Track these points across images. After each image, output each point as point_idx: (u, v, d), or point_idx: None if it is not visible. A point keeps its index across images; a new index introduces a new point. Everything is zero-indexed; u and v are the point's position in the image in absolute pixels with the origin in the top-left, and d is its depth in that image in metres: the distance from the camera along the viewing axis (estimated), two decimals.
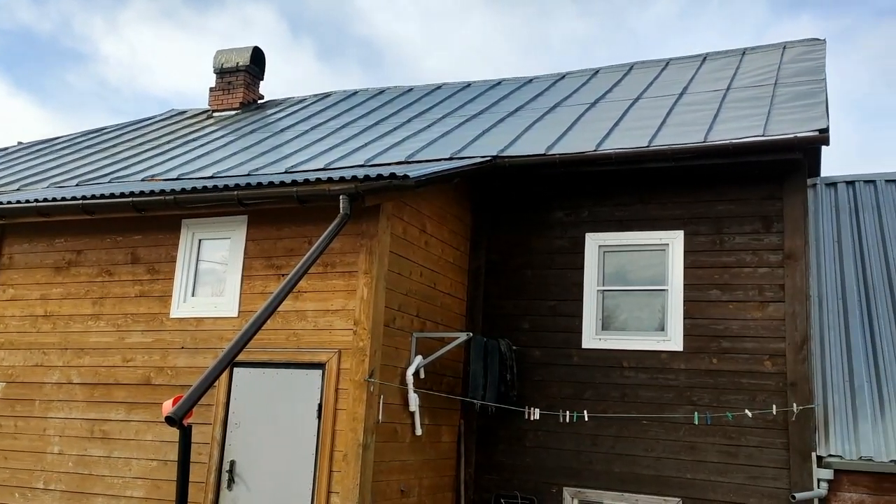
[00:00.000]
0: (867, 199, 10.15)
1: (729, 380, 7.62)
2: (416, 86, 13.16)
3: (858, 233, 9.66)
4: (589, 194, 8.47)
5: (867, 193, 10.26)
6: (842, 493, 7.16)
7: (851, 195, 10.28)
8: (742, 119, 8.11)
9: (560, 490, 7.94)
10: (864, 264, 9.19)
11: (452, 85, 12.76)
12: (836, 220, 9.94)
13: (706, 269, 7.93)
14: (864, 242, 9.49)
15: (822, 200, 10.29)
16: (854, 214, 9.96)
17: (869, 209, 9.98)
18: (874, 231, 9.62)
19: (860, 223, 9.79)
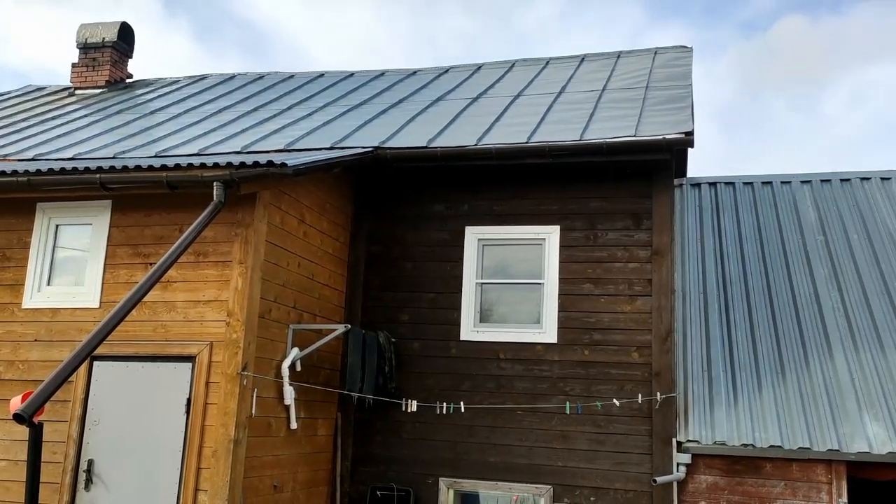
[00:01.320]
0: (727, 200, 10.81)
1: (599, 370, 7.91)
2: (298, 73, 12.86)
3: (719, 231, 10.27)
4: (469, 188, 8.56)
5: (727, 195, 10.92)
6: (698, 475, 7.59)
7: (713, 196, 10.92)
8: (616, 119, 8.42)
9: (436, 481, 8.00)
10: (723, 261, 9.78)
11: (335, 74, 12.56)
12: (699, 218, 10.53)
13: (580, 264, 8.19)
14: (724, 240, 10.10)
15: (687, 200, 10.87)
16: (715, 214, 10.58)
17: (729, 209, 10.63)
18: (732, 230, 10.25)
19: (720, 222, 10.41)
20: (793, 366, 8.19)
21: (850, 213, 10.15)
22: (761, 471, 7.47)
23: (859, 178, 10.71)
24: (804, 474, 7.38)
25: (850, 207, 10.26)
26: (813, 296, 9.02)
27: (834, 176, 10.84)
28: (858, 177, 10.74)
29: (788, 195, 10.69)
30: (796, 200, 10.57)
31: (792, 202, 10.56)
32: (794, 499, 7.36)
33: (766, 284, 9.32)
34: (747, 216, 10.45)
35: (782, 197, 10.68)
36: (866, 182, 10.64)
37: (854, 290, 9.00)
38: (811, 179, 10.88)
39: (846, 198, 10.45)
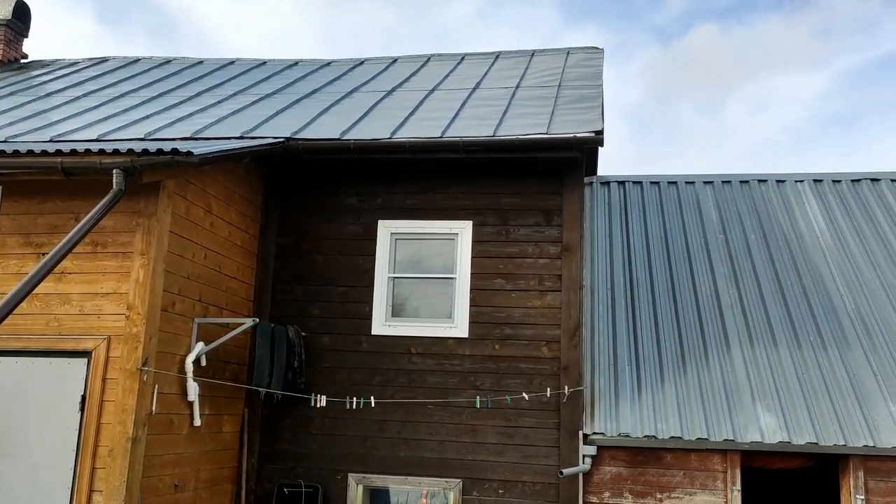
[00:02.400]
0: (635, 199, 11.12)
1: (509, 365, 8.00)
2: (208, 59, 12.45)
3: (626, 229, 10.55)
4: (383, 181, 8.49)
5: (635, 193, 11.24)
6: (603, 466, 7.79)
7: (622, 194, 11.21)
8: (529, 116, 8.52)
9: (345, 477, 7.91)
10: (630, 258, 10.05)
11: (246, 61, 12.23)
12: (608, 216, 10.79)
13: (492, 259, 8.25)
14: (631, 238, 10.39)
15: (597, 198, 11.12)
16: (623, 212, 10.87)
17: (636, 208, 10.94)
18: (639, 228, 10.56)
19: (628, 220, 10.71)
20: (693, 360, 8.50)
21: (749, 214, 10.62)
22: (662, 461, 7.73)
23: (757, 181, 11.22)
24: (702, 464, 7.67)
25: (749, 208, 10.73)
26: (713, 293, 9.39)
27: (734, 178, 11.31)
28: (756, 179, 11.24)
29: (692, 195, 11.09)
30: (699, 200, 10.98)
31: (695, 202, 10.95)
32: (692, 487, 7.64)
33: (670, 281, 9.64)
34: (654, 215, 10.78)
35: (686, 197, 11.07)
36: (763, 184, 11.15)
37: (751, 287, 9.41)
38: (713, 181, 11.31)
39: (745, 199, 10.92)
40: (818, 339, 8.58)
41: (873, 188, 10.88)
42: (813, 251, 9.86)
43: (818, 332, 8.66)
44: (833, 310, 8.94)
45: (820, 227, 10.25)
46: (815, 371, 8.19)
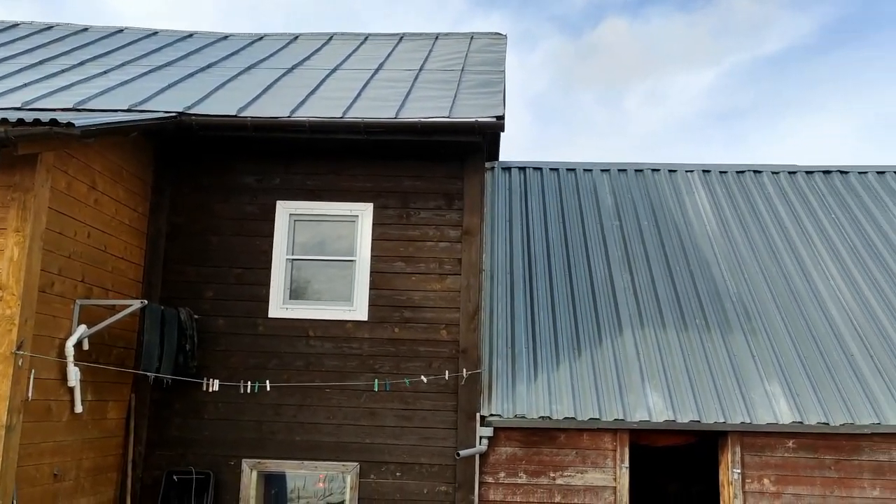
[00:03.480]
0: (535, 185, 11.31)
1: (409, 348, 7.99)
2: (93, 26, 11.77)
3: (526, 214, 10.73)
4: (282, 161, 8.28)
5: (535, 179, 11.43)
6: (499, 447, 7.92)
7: (522, 180, 11.38)
8: (431, 100, 8.50)
9: (239, 462, 7.72)
10: (529, 242, 10.23)
11: (136, 31, 11.64)
12: (508, 201, 10.94)
13: (393, 242, 8.20)
14: (530, 223, 10.57)
15: (498, 183, 11.24)
16: (523, 197, 11.04)
17: (536, 193, 11.13)
18: (539, 213, 10.75)
19: (528, 205, 10.88)
20: (587, 342, 8.75)
21: (642, 201, 10.99)
22: (556, 441, 7.93)
23: (651, 170, 11.62)
24: (593, 443, 7.92)
25: (642, 196, 11.10)
26: (608, 277, 9.68)
27: (630, 167, 11.67)
28: (650, 168, 11.64)
29: (590, 182, 11.38)
30: (596, 187, 11.28)
31: (592, 189, 11.25)
32: (583, 465, 7.88)
33: (566, 265, 9.86)
34: (552, 200, 11.00)
35: (584, 184, 11.35)
36: (656, 173, 11.56)
37: (643, 272, 9.75)
38: (610, 169, 11.64)
39: (639, 187, 11.29)
40: (703, 321, 8.99)
41: (755, 180, 11.46)
42: (700, 238, 10.31)
43: (703, 316, 9.07)
44: (717, 294, 9.39)
45: (707, 216, 10.73)
46: (699, 352, 8.58)
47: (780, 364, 8.38)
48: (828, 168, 11.60)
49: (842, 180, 11.41)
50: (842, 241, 10.20)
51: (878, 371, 8.25)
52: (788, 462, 7.79)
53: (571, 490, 7.83)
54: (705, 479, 10.10)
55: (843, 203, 10.94)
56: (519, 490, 7.86)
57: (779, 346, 8.62)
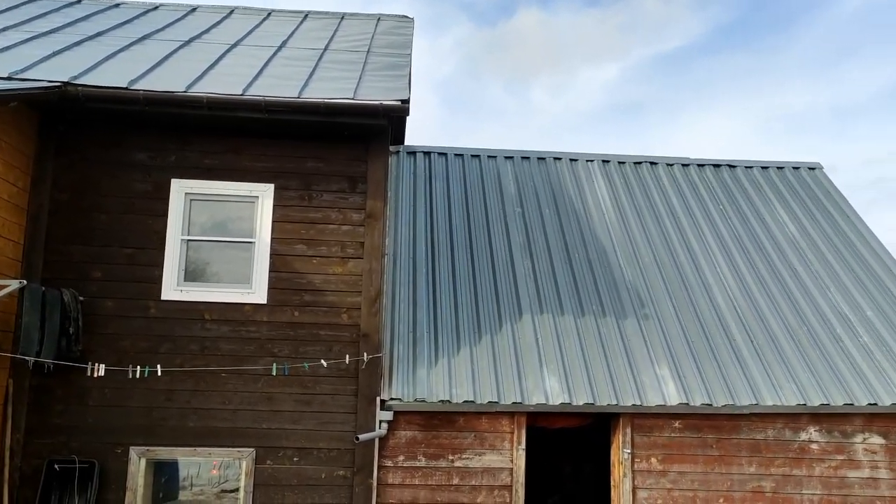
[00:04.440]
0: (439, 170, 11.34)
1: (309, 332, 7.87)
2: None
3: (430, 199, 10.74)
4: (177, 138, 7.96)
5: (440, 164, 11.45)
6: (399, 431, 7.93)
7: (427, 164, 11.38)
8: (336, 80, 8.34)
9: (126, 450, 7.42)
10: (432, 227, 10.25)
11: None
12: (413, 185, 10.92)
13: (294, 224, 8.04)
14: (434, 208, 10.59)
15: (403, 167, 11.20)
16: (428, 182, 11.04)
17: (440, 178, 11.15)
18: (443, 198, 10.78)
19: (432, 190, 10.90)
20: (488, 327, 8.86)
21: (544, 189, 11.20)
22: (455, 424, 8.01)
23: (553, 158, 11.85)
24: (492, 425, 8.04)
25: (544, 184, 11.31)
26: (509, 263, 9.82)
27: (533, 154, 11.86)
28: (552, 157, 11.87)
29: (493, 169, 11.50)
30: (500, 174, 11.41)
31: (496, 176, 11.37)
32: (481, 448, 8.00)
33: (469, 251, 9.95)
34: (457, 186, 11.06)
35: (488, 170, 11.46)
36: (558, 162, 11.80)
37: (543, 259, 9.95)
38: (514, 156, 11.80)
39: (541, 175, 11.50)
40: (599, 307, 9.26)
41: (652, 171, 11.88)
42: (599, 227, 10.61)
43: (600, 302, 9.34)
44: (613, 281, 9.69)
45: (606, 205, 11.04)
46: (594, 337, 8.83)
47: (669, 348, 8.74)
48: (718, 162, 12.14)
49: (730, 174, 11.97)
50: (729, 232, 10.72)
51: (757, 355, 8.73)
52: (674, 441, 8.15)
53: (469, 472, 7.94)
54: (598, 459, 10.46)
55: (731, 196, 11.49)
56: (418, 473, 7.90)
57: (669, 331, 8.99)
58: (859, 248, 10.51)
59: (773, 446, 8.16)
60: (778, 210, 11.23)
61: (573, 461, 11.83)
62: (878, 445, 8.17)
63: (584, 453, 11.49)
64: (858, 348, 8.84)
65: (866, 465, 8.13)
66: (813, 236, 10.71)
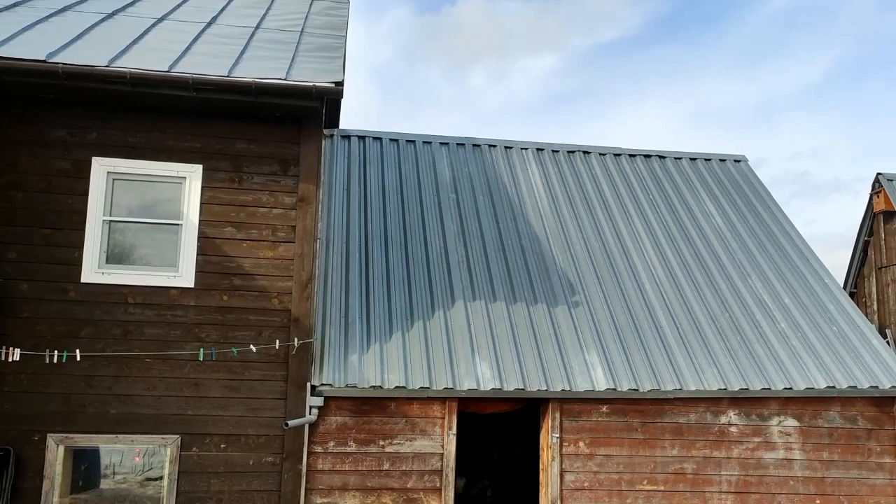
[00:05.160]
0: (374, 154, 11.24)
1: (238, 316, 7.72)
2: None
3: (364, 183, 10.64)
4: (99, 114, 7.66)
5: (375, 149, 11.36)
6: (329, 417, 7.87)
7: (362, 149, 11.27)
8: (268, 60, 8.15)
9: (44, 437, 7.15)
10: (366, 212, 10.17)
11: None
12: (347, 169, 10.80)
13: (223, 207, 7.85)
14: (368, 192, 10.50)
15: (337, 150, 11.06)
16: (362, 166, 10.94)
17: (375, 163, 11.06)
18: (377, 183, 10.70)
19: (367, 175, 10.80)
20: (421, 313, 8.85)
21: (479, 176, 11.23)
22: (386, 410, 7.99)
23: (488, 145, 11.89)
24: (423, 411, 8.06)
25: (479, 171, 11.34)
26: (443, 249, 9.83)
27: (468, 141, 11.88)
28: (487, 144, 11.91)
29: (429, 155, 11.47)
30: (435, 160, 11.38)
31: (431, 161, 11.34)
32: (412, 433, 8.01)
33: (403, 236, 9.91)
34: (391, 171, 10.99)
35: (423, 156, 11.42)
36: (493, 149, 11.85)
37: (477, 245, 9.99)
38: (449, 142, 11.79)
39: (476, 162, 11.53)
40: (531, 294, 9.36)
41: (585, 160, 12.04)
42: (532, 214, 10.71)
43: (532, 289, 9.44)
44: (545, 268, 9.80)
45: (539, 193, 11.14)
46: (526, 323, 8.93)
47: (598, 335, 8.91)
48: (648, 152, 12.39)
49: (660, 165, 12.24)
50: (658, 221, 10.97)
51: (682, 341, 8.97)
52: (601, 426, 8.32)
53: (400, 457, 7.94)
54: (528, 443, 10.60)
55: (661, 186, 11.75)
56: (348, 459, 7.87)
57: (598, 318, 9.15)
58: (779, 239, 10.90)
59: (695, 429, 8.41)
60: (704, 200, 11.54)
61: (504, 446, 11.98)
62: (792, 428, 8.52)
63: (514, 438, 11.64)
64: (776, 334, 9.18)
65: (781, 446, 8.47)
66: (737, 226, 11.05)
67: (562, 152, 12.09)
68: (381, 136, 11.52)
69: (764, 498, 8.34)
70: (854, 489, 8.45)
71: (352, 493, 7.82)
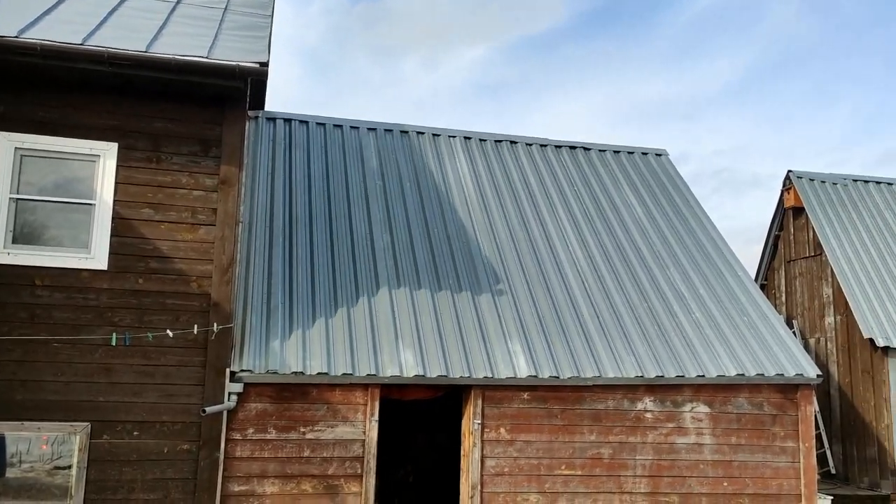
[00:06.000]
0: (300, 138, 11.07)
1: (154, 300, 7.50)
2: None
3: (289, 167, 10.47)
4: (7, 88, 7.28)
5: (301, 133, 11.18)
6: (249, 403, 7.74)
7: (288, 132, 11.08)
8: (189, 37, 7.91)
9: None
10: (291, 197, 10.01)
11: None
12: (272, 152, 10.60)
13: (140, 187, 7.60)
14: (294, 177, 10.34)
15: (262, 133, 10.85)
16: (288, 150, 10.76)
17: (301, 147, 10.89)
18: (303, 167, 10.55)
19: (292, 159, 10.63)
20: (345, 300, 8.79)
21: (406, 163, 11.20)
22: (308, 396, 7.91)
23: (416, 132, 11.86)
24: (345, 397, 8.01)
25: (406, 158, 11.31)
26: (368, 236, 9.77)
27: (396, 127, 11.82)
28: (415, 131, 11.88)
29: (356, 140, 11.36)
30: (362, 146, 11.29)
31: (358, 147, 11.24)
32: (334, 420, 7.96)
33: (328, 222, 9.81)
34: (317, 156, 10.85)
35: (350, 141, 11.31)
36: (421, 136, 11.83)
37: (403, 233, 9.97)
38: (377, 128, 11.71)
39: (404, 149, 11.49)
40: (456, 282, 9.41)
41: (512, 150, 12.16)
42: (459, 203, 10.75)
43: (456, 277, 9.49)
44: (471, 257, 9.86)
45: (466, 182, 11.19)
46: (450, 311, 8.97)
47: (521, 323, 9.02)
48: (574, 144, 12.60)
49: (585, 156, 12.46)
50: (581, 212, 11.17)
51: (602, 330, 9.18)
52: (522, 412, 8.45)
53: (321, 444, 7.89)
54: (452, 429, 10.67)
55: (585, 177, 11.96)
56: (268, 446, 7.76)
57: (522, 306, 9.27)
58: (696, 232, 11.26)
59: (613, 416, 8.63)
60: (627, 193, 11.81)
61: (428, 432, 12.03)
62: (704, 414, 8.84)
63: (439, 424, 11.70)
64: (691, 324, 9.50)
65: (693, 431, 8.78)
66: (657, 218, 11.36)
67: (489, 141, 12.17)
68: (308, 120, 11.35)
69: (675, 481, 8.64)
70: (759, 472, 8.84)
71: (271, 480, 7.72)
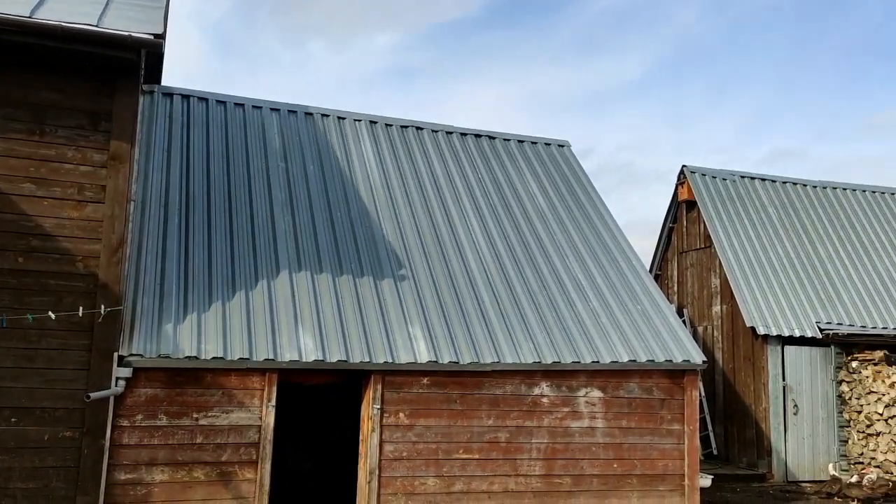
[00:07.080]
0: (199, 116, 10.69)
1: (35, 280, 7.10)
2: None
3: (187, 145, 10.11)
4: None
5: (200, 110, 10.80)
6: (138, 388, 7.46)
7: (186, 108, 10.69)
8: (78, 4, 7.47)
9: None
10: (188, 176, 9.67)
11: None
12: (168, 129, 10.20)
13: (21, 161, 7.16)
14: (191, 155, 9.99)
15: (158, 108, 10.42)
16: (185, 127, 10.38)
17: (199, 125, 10.53)
18: (201, 146, 10.20)
19: (190, 136, 10.26)
20: (243, 282, 8.58)
21: (310, 146, 11.01)
22: (202, 381, 7.70)
23: (321, 115, 11.67)
24: (241, 382, 7.84)
25: (311, 140, 11.12)
26: (269, 218, 9.56)
27: (300, 108, 11.60)
28: (320, 113, 11.69)
29: (258, 120, 11.08)
30: (265, 126, 11.02)
31: (261, 127, 10.97)
32: (229, 405, 7.78)
33: (227, 203, 9.54)
34: (217, 134, 10.52)
35: (252, 121, 11.03)
36: (326, 118, 11.66)
37: (305, 216, 9.81)
38: (280, 108, 11.45)
39: (308, 131, 11.29)
40: (358, 267, 9.34)
41: (417, 136, 12.14)
42: (363, 186, 10.66)
43: (359, 261, 9.42)
44: (374, 242, 9.81)
45: (371, 166, 11.11)
46: (351, 296, 8.90)
47: (423, 309, 9.05)
48: (479, 132, 12.70)
49: (489, 145, 12.59)
50: (485, 199, 11.29)
51: (502, 316, 9.32)
52: (422, 397, 8.49)
53: (215, 430, 7.69)
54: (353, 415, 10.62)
55: (489, 165, 12.09)
56: (158, 432, 7.51)
57: (423, 292, 9.30)
58: (595, 222, 11.58)
59: (510, 400, 8.79)
60: (529, 182, 12.01)
61: (331, 417, 11.93)
62: (597, 398, 9.13)
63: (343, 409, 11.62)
64: (588, 311, 9.77)
65: (586, 415, 9.06)
66: (557, 208, 11.61)
67: (395, 126, 12.11)
68: (208, 97, 10.98)
69: (569, 463, 8.90)
70: (647, 453, 9.21)
71: (160, 467, 7.48)
